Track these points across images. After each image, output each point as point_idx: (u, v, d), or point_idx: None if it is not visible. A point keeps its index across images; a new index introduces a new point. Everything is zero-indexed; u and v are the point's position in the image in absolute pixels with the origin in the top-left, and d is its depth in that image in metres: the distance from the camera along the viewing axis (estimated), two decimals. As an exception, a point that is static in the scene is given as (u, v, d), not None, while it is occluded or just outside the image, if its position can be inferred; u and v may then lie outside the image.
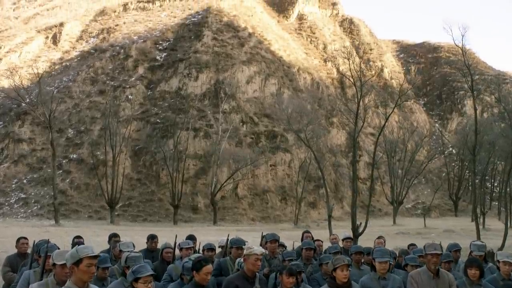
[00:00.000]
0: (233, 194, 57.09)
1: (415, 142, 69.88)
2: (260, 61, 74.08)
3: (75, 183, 57.73)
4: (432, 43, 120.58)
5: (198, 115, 62.89)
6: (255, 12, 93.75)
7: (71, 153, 61.60)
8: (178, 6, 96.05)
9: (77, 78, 72.99)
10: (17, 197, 55.88)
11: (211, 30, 78.92)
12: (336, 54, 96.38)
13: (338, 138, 72.41)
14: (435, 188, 74.98)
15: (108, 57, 77.63)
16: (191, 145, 58.17)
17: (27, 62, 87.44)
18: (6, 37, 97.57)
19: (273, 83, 71.73)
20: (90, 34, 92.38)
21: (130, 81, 71.42)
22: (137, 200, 55.96)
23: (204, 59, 71.47)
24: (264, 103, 68.86)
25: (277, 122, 63.12)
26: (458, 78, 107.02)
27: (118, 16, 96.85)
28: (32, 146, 63.32)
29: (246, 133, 62.87)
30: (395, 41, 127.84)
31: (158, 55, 77.39)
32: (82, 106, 67.95)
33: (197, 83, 68.43)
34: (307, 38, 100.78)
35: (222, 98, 64.57)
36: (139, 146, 61.56)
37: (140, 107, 67.02)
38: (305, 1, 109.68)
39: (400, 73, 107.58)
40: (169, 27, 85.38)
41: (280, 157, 61.70)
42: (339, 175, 67.54)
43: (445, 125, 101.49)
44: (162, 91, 69.16)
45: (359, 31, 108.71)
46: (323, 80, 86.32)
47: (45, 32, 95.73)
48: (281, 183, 60.44)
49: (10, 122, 66.26)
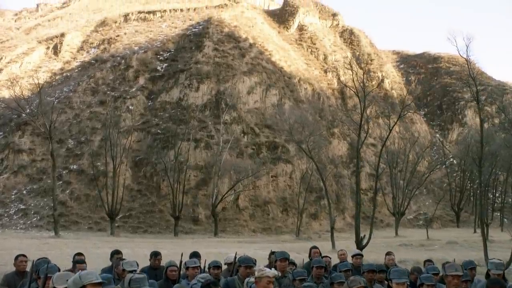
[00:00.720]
0: (234, 205, 56.72)
1: (416, 152, 69.57)
2: (261, 71, 74.03)
3: (75, 194, 57.41)
4: (432, 54, 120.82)
5: (199, 126, 62.67)
6: (255, 23, 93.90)
7: (71, 164, 61.36)
8: (179, 17, 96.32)
9: (77, 89, 72.93)
10: (17, 208, 55.52)
11: (212, 40, 78.97)
12: (337, 65, 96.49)
13: (339, 149, 72.12)
14: (437, 199, 74.60)
15: (109, 67, 77.65)
16: (192, 156, 57.90)
17: (28, 73, 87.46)
18: (7, 48, 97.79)
19: (274, 93, 71.59)
20: (91, 45, 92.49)
21: (131, 91, 71.35)
22: (137, 211, 55.60)
23: (205, 70, 71.41)
24: (265, 113, 68.67)
25: (278, 133, 62.93)
26: (459, 88, 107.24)
27: (119, 27, 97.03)
28: (32, 156, 63.02)
29: (247, 144, 62.61)
30: (395, 51, 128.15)
31: (159, 65, 77.38)
32: (82, 117, 67.80)
33: (198, 93, 68.31)
34: (307, 49, 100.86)
35: (223, 108, 64.43)
36: (139, 157, 61.29)
37: (140, 118, 66.85)
38: (305, 12, 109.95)
39: (400, 84, 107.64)
40: (170, 37, 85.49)
41: (281, 168, 61.38)
42: (341, 186, 67.21)
43: (446, 135, 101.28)
44: (163, 101, 69.02)
45: (360, 42, 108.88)
46: (323, 90, 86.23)
47: (46, 42, 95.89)
48: (282, 194, 60.06)
49: (10, 132, 66.05)
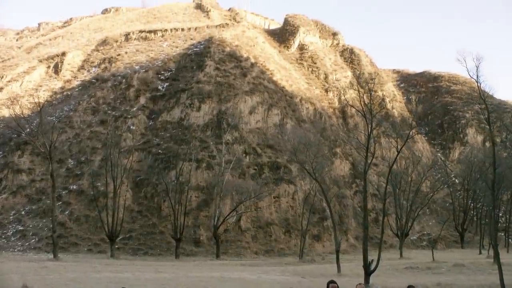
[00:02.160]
0: (236, 226, 55.86)
1: (418, 172, 68.97)
2: (263, 91, 73.79)
3: (75, 215, 56.59)
4: (432, 73, 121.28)
5: (200, 146, 62.08)
6: (257, 42, 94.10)
7: (71, 184, 60.67)
8: (180, 36, 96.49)
9: (78, 108, 72.58)
10: (15, 230, 54.62)
11: (213, 60, 78.89)
12: (338, 84, 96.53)
13: (341, 169, 71.49)
14: (441, 220, 73.62)
15: (110, 86, 77.44)
16: (193, 177, 57.21)
17: (28, 91, 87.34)
18: (8, 67, 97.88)
19: (276, 113, 71.23)
20: (92, 64, 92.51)
21: (132, 111, 70.97)
22: (138, 232, 54.69)
23: (206, 89, 71.15)
24: (267, 133, 68.21)
25: (280, 153, 62.38)
26: (460, 107, 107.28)
27: (119, 46, 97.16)
28: (32, 176, 62.37)
29: (249, 164, 61.95)
30: (395, 70, 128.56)
31: (160, 85, 77.18)
32: (83, 136, 67.33)
33: (199, 113, 67.91)
34: (308, 68, 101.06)
35: (224, 128, 63.96)
36: (140, 177, 60.61)
37: (141, 138, 66.37)
38: (306, 31, 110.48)
39: (401, 103, 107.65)
40: (171, 57, 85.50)
41: (284, 189, 60.64)
42: (343, 206, 66.40)
43: (447, 154, 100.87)
44: (164, 121, 68.59)
45: (360, 61, 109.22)
46: (325, 110, 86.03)
47: (47, 61, 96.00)
48: (284, 215, 59.23)
49: (10, 152, 65.53)
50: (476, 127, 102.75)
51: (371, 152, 32.15)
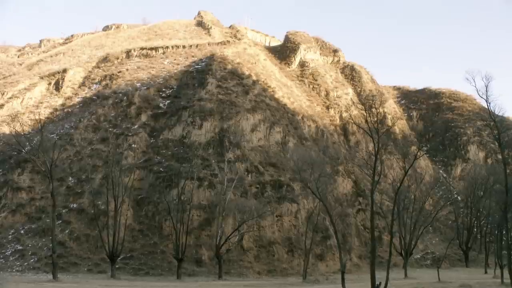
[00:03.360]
0: (238, 246, 55.06)
1: (420, 190, 68.39)
2: (265, 109, 73.61)
3: (75, 234, 55.81)
4: (433, 89, 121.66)
5: (202, 164, 61.58)
6: (258, 59, 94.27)
7: (71, 203, 59.95)
8: (181, 53, 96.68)
9: (79, 125, 72.18)
10: (13, 249, 53.74)
11: (215, 77, 78.85)
12: (339, 101, 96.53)
13: (344, 187, 70.89)
14: (445, 238, 73.12)
15: (111, 104, 77.20)
16: (195, 195, 56.55)
17: (29, 108, 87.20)
18: (9, 83, 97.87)
19: (278, 131, 70.94)
20: (93, 81, 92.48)
21: (133, 128, 70.62)
22: (139, 252, 53.92)
23: (208, 107, 70.90)
24: (269, 151, 67.80)
25: (282, 172, 61.93)
26: (461, 124, 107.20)
27: (121, 63, 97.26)
28: (31, 194, 61.70)
29: (251, 183, 61.39)
30: (396, 87, 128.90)
31: (162, 102, 76.99)
32: (83, 154, 66.82)
33: (201, 131, 67.54)
34: (309, 85, 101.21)
35: (226, 146, 63.59)
36: (141, 195, 59.98)
37: (142, 156, 65.89)
38: (306, 49, 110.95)
39: (402, 120, 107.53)
40: (173, 74, 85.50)
41: (286, 208, 60.02)
42: (346, 225, 65.64)
43: (449, 171, 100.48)
44: (166, 139, 68.17)
45: (361, 78, 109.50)
46: (327, 127, 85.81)
47: (48, 78, 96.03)
48: (287, 235, 58.52)
49: (10, 170, 64.93)
50: (478, 144, 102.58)
51: (377, 172, 31.69)
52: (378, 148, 28.02)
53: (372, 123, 28.16)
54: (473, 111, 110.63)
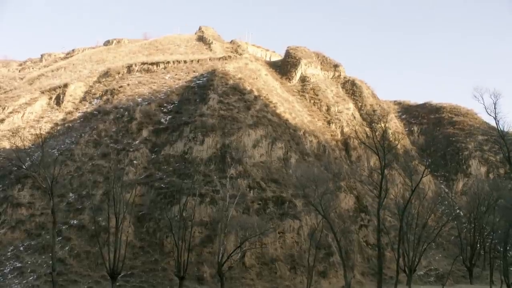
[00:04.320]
0: (240, 263, 54.43)
1: (422, 205, 67.91)
2: (267, 124, 73.41)
3: (75, 251, 55.10)
4: (434, 104, 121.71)
5: (204, 180, 61.13)
6: (259, 74, 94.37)
7: (71, 219, 59.34)
8: (183, 69, 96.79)
9: (79, 141, 71.87)
10: (12, 266, 53.01)
11: (216, 93, 78.81)
12: (340, 116, 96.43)
13: (346, 203, 70.37)
14: (448, 254, 72.30)
15: (112, 119, 77.01)
16: (197, 212, 56.01)
17: (29, 123, 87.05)
18: (10, 98, 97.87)
19: (280, 147, 70.67)
20: (94, 95, 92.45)
21: (134, 144, 70.30)
22: (139, 269, 53.24)
23: (210, 123, 70.69)
24: (271, 167, 67.44)
25: (284, 188, 61.46)
26: (462, 138, 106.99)
27: (122, 78, 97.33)
28: (31, 211, 61.10)
29: (253, 199, 60.90)
30: (397, 101, 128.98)
31: (163, 117, 76.79)
32: (84, 170, 66.40)
33: (202, 147, 67.24)
34: (310, 100, 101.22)
35: (228, 162, 63.23)
36: (142, 212, 59.49)
37: (144, 171, 65.50)
38: (307, 63, 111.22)
39: (403, 134, 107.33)
40: (174, 89, 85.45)
41: (289, 224, 59.44)
42: (348, 241, 65.02)
43: (451, 186, 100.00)
44: (167, 155, 67.82)
45: (362, 93, 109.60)
46: (328, 142, 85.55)
47: (49, 93, 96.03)
48: (290, 251, 57.86)
49: (10, 185, 64.48)
50: (479, 159, 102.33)
51: (384, 190, 31.32)
52: (384, 166, 27.62)
53: (377, 141, 27.83)
54: (474, 125, 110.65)
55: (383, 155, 27.48)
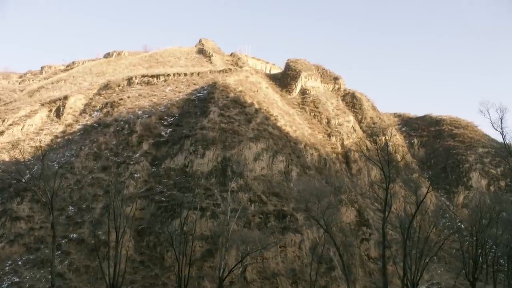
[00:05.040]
0: (241, 278, 53.80)
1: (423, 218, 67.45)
2: (268, 137, 73.22)
3: (74, 265, 54.47)
4: (433, 116, 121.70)
5: (204, 194, 60.72)
6: (260, 87, 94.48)
7: (71, 233, 58.77)
8: (183, 81, 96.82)
9: (80, 153, 71.52)
10: (10, 281, 52.29)
11: (217, 106, 78.71)
12: (340, 129, 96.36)
13: (347, 216, 69.96)
14: (450, 268, 71.67)
15: (112, 132, 76.75)
16: (197, 226, 55.61)
17: (29, 135, 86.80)
18: (10, 110, 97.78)
19: (281, 160, 70.41)
20: (94, 108, 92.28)
21: (134, 157, 69.96)
22: (139, 284, 52.59)
23: (210, 136, 70.42)
24: (272, 181, 67.07)
25: (286, 201, 61.04)
26: (462, 151, 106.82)
27: (122, 90, 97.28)
28: (30, 224, 60.52)
29: (254, 213, 60.42)
30: (396, 114, 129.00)
31: (163, 130, 76.55)
32: (84, 183, 66.00)
33: (203, 160, 66.90)
34: (310, 113, 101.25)
35: (229, 176, 62.88)
36: (142, 225, 58.99)
37: (144, 185, 65.07)
38: (307, 76, 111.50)
39: (403, 147, 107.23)
40: (174, 102, 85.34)
41: (290, 238, 58.90)
42: (350, 255, 64.50)
43: (452, 199, 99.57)
44: (167, 168, 67.44)
45: (362, 105, 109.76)
46: (329, 155, 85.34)
47: (49, 105, 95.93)
48: (291, 266, 57.29)
49: (9, 198, 63.92)
50: (480, 171, 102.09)
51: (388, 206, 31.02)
52: (388, 182, 27.39)
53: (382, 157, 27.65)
54: (474, 138, 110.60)
55: (387, 171, 27.18)
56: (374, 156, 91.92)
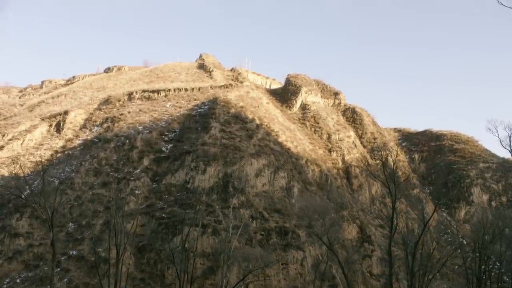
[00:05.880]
0: (243, 296, 53.11)
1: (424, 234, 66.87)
2: (269, 153, 72.94)
3: (74, 283, 53.70)
4: (434, 131, 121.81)
5: (206, 211, 60.23)
6: (261, 103, 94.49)
7: (71, 249, 58.10)
8: (184, 96, 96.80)
9: (80, 169, 71.12)
10: (8, 301, 51.73)
11: (218, 121, 78.56)
12: (341, 144, 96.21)
13: (349, 232, 69.43)
14: (453, 285, 70.82)
15: (113, 147, 76.42)
16: (199, 242, 55.04)
17: (29, 150, 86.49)
18: (10, 125, 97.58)
19: (283, 176, 70.03)
20: (94, 123, 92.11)
21: (135, 173, 69.56)
22: (139, 303, 51.95)
23: (212, 152, 70.10)
24: (273, 197, 66.62)
25: (288, 218, 60.54)
26: (463, 166, 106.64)
27: (122, 105, 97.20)
28: (30, 241, 59.92)
29: (256, 230, 59.87)
30: (397, 129, 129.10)
31: (164, 146, 76.24)
32: (84, 199, 65.50)
33: (204, 176, 66.47)
34: (310, 128, 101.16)
35: (231, 192, 62.45)
36: (143, 242, 58.34)
37: (144, 201, 64.58)
38: (308, 91, 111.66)
39: (404, 162, 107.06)
40: (175, 117, 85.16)
41: (292, 255, 58.29)
42: (352, 272, 63.79)
43: (453, 214, 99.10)
44: (168, 184, 67.00)
45: (362, 120, 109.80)
46: (330, 171, 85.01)
47: (49, 120, 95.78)
48: (293, 283, 56.59)
49: (8, 214, 63.39)
50: (481, 186, 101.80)
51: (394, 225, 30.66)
52: (394, 201, 27.10)
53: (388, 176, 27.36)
54: (475, 153, 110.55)
55: (393, 189, 26.91)
56: (375, 171, 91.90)
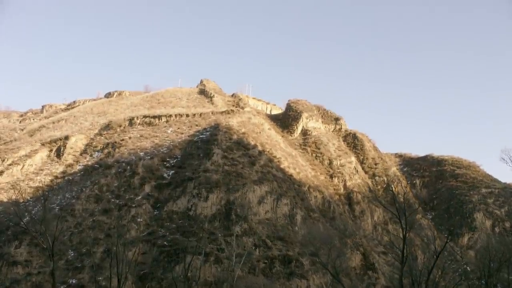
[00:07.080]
0: (247, 327, 51.91)
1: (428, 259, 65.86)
2: (272, 180, 72.38)
3: (73, 314, 52.69)
4: (435, 157, 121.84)
5: (208, 238, 59.35)
6: (263, 128, 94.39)
7: (70, 278, 56.95)
8: (185, 122, 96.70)
9: (80, 195, 70.40)
10: (6, 331, 50.46)
11: (220, 148, 78.18)
12: (342, 170, 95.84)
13: (352, 260, 68.41)
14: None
15: (114, 173, 75.81)
16: (201, 271, 54.05)
17: (28, 175, 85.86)
18: (10, 150, 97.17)
19: (285, 203, 69.30)
20: (95, 148, 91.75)
21: (136, 199, 68.79)
22: (141, 333, 50.73)
23: (214, 178, 69.52)
24: (276, 224, 65.76)
25: (291, 245, 59.67)
26: (465, 191, 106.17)
27: (123, 131, 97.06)
28: (28, 269, 58.77)
29: (259, 258, 58.88)
30: (398, 154, 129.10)
31: (166, 172, 75.65)
32: (84, 226, 64.59)
33: (207, 203, 65.72)
34: (312, 154, 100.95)
35: (233, 220, 61.65)
36: (144, 271, 57.23)
37: (146, 228, 63.67)
38: (308, 117, 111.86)
39: (405, 187, 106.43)
40: (177, 143, 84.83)
41: (296, 284, 57.21)
42: (357, 301, 62.80)
43: (456, 240, 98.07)
44: (170, 211, 66.15)
45: (363, 146, 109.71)
46: (332, 197, 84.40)
47: (50, 145, 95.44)
48: (298, 314, 55.55)
49: (6, 242, 62.30)
50: (484, 212, 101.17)
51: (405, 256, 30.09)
52: (405, 234, 26.61)
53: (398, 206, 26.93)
54: (477, 178, 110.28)
55: (405, 224, 26.49)
56: (378, 197, 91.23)
